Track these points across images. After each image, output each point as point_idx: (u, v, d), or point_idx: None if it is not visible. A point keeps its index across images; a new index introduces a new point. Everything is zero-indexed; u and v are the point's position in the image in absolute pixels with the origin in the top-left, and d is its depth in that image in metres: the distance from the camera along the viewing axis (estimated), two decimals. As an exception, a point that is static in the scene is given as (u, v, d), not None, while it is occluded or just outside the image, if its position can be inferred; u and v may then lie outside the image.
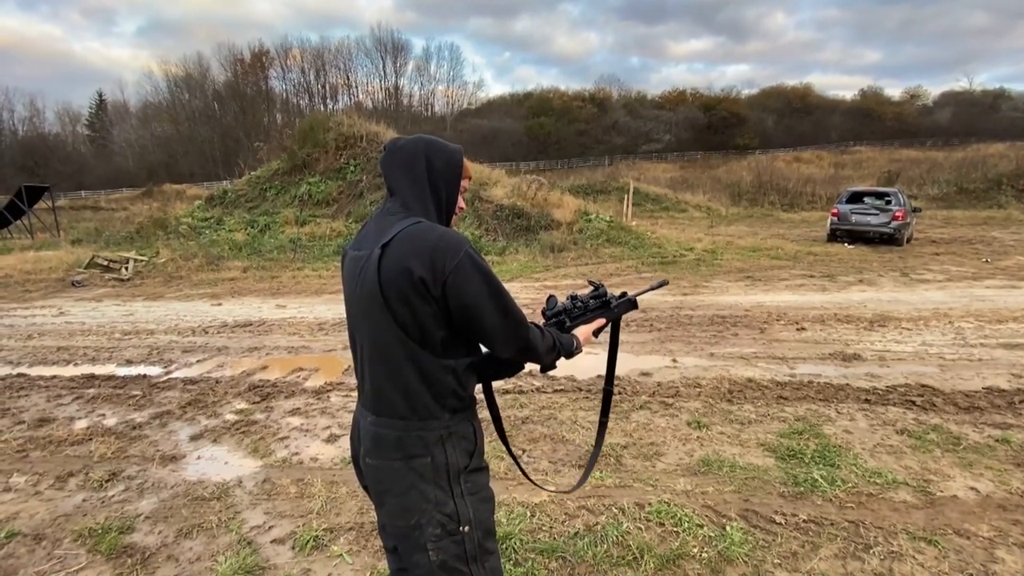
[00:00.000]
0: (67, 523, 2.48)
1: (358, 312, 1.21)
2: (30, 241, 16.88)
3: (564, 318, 1.37)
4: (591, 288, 1.45)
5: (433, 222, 1.19)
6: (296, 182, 13.77)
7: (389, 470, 1.17)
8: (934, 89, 79.79)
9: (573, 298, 1.41)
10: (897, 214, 11.59)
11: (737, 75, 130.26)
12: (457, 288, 1.09)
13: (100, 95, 59.37)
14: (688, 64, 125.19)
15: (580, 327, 1.39)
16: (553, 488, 2.57)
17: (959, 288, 7.35)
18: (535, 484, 1.53)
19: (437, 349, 1.14)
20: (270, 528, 2.41)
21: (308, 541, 2.27)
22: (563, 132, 51.48)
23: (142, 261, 10.93)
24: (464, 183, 1.28)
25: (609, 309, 1.45)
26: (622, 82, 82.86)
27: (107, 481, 2.84)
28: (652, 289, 1.63)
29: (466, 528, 1.18)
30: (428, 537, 1.16)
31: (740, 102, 57.31)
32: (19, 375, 4.73)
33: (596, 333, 1.43)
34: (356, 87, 57.56)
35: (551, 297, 1.39)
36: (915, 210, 12.98)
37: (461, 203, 1.29)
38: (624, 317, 1.49)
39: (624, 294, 1.50)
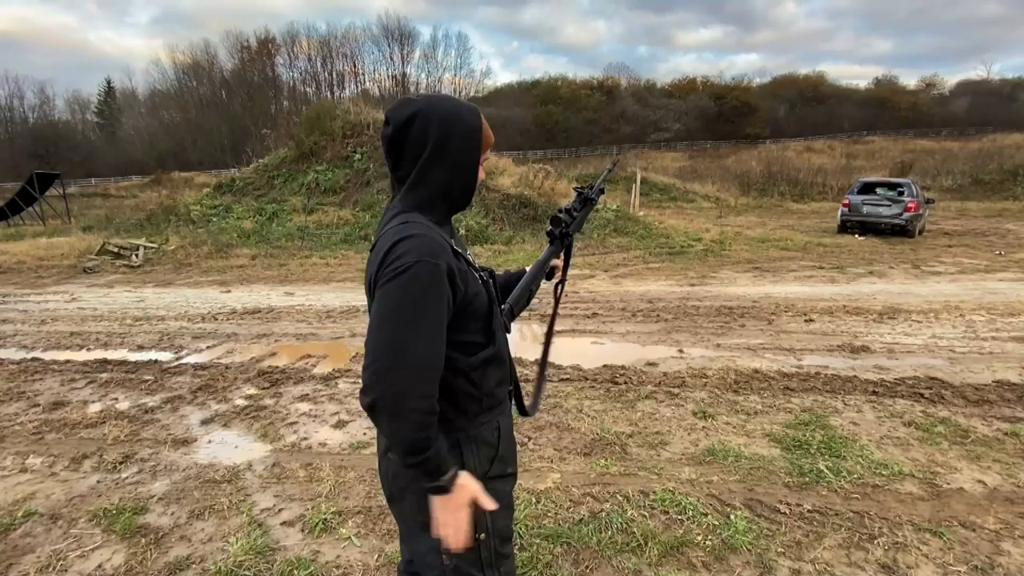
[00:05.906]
0: (82, 503, 2.54)
1: None
2: (42, 228, 17.07)
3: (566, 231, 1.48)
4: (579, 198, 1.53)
5: (430, 215, 1.07)
6: (303, 170, 13.79)
7: (406, 470, 1.10)
8: (951, 78, 78.37)
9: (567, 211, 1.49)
10: (910, 205, 11.43)
11: (747, 64, 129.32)
12: (378, 293, 0.97)
13: (108, 82, 59.61)
14: (697, 53, 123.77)
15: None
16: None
17: (971, 281, 7.27)
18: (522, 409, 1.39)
19: None
20: (280, 511, 2.45)
21: (317, 524, 2.31)
22: (571, 121, 50.94)
23: (152, 248, 11.02)
24: (485, 154, 1.11)
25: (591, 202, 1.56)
26: (631, 70, 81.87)
27: (121, 463, 2.90)
28: (609, 172, 1.71)
29: (482, 536, 1.12)
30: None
31: (751, 91, 56.46)
32: (34, 359, 4.80)
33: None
34: (363, 75, 57.38)
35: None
36: (928, 201, 12.81)
37: (482, 174, 1.15)
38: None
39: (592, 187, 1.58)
